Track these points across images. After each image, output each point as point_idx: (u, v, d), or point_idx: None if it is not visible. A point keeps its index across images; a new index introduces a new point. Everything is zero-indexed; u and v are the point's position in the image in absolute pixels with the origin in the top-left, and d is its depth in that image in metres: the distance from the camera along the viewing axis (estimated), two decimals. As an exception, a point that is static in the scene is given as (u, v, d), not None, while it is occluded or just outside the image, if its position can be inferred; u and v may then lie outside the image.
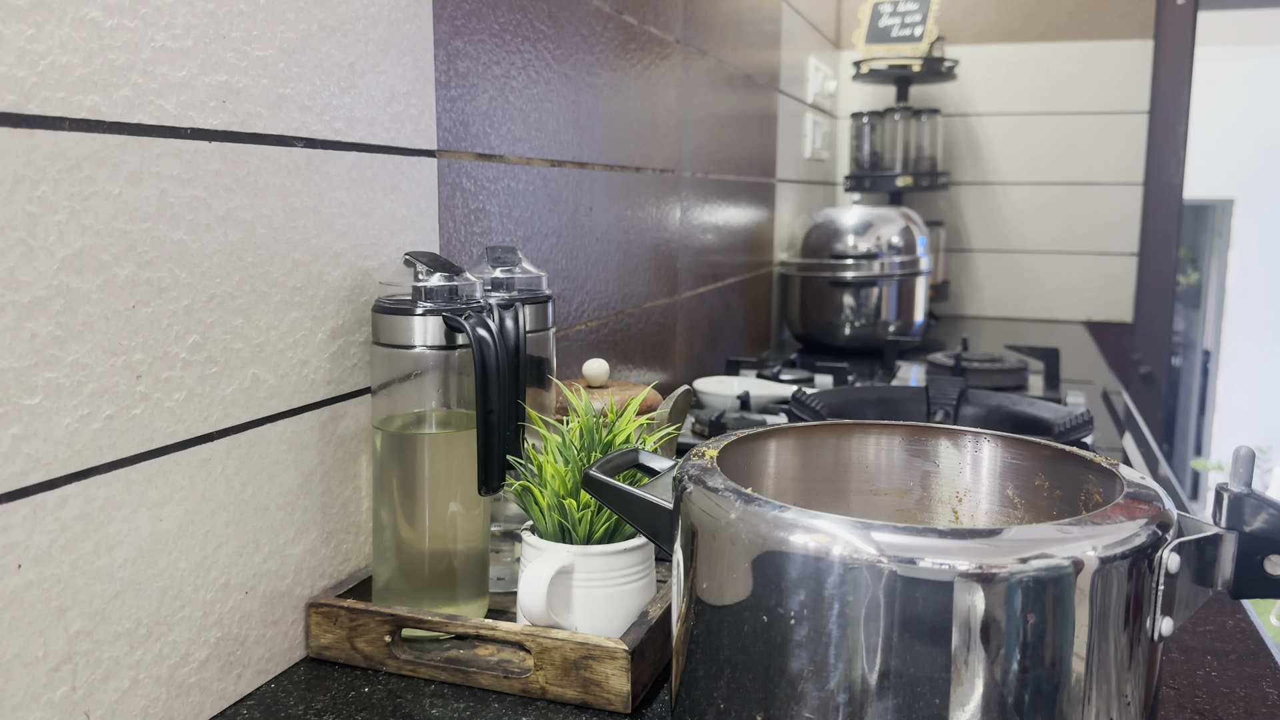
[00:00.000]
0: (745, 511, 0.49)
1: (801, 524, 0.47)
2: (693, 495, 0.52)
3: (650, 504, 0.57)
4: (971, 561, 0.44)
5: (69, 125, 0.53)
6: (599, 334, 1.24)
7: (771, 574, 0.47)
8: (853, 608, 0.45)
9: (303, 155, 0.71)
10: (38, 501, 0.53)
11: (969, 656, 0.44)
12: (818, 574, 0.46)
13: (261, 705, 0.67)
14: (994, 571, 0.44)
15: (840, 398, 1.18)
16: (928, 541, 0.45)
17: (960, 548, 0.44)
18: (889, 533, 0.45)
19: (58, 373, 0.53)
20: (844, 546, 0.45)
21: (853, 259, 2.09)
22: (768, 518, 0.48)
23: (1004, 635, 0.44)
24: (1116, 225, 2.60)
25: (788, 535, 0.46)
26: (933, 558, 0.44)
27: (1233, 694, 0.70)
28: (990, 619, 0.44)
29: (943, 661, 0.44)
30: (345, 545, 0.78)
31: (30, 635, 0.53)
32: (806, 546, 0.46)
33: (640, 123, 1.35)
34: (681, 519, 0.53)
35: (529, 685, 0.68)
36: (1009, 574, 0.44)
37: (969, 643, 0.44)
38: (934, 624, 0.44)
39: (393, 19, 0.80)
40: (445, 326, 0.73)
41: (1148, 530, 0.47)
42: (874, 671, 0.45)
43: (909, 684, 0.45)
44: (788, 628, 0.47)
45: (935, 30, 2.47)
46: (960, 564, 0.44)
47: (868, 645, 0.45)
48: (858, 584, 0.45)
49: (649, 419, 0.87)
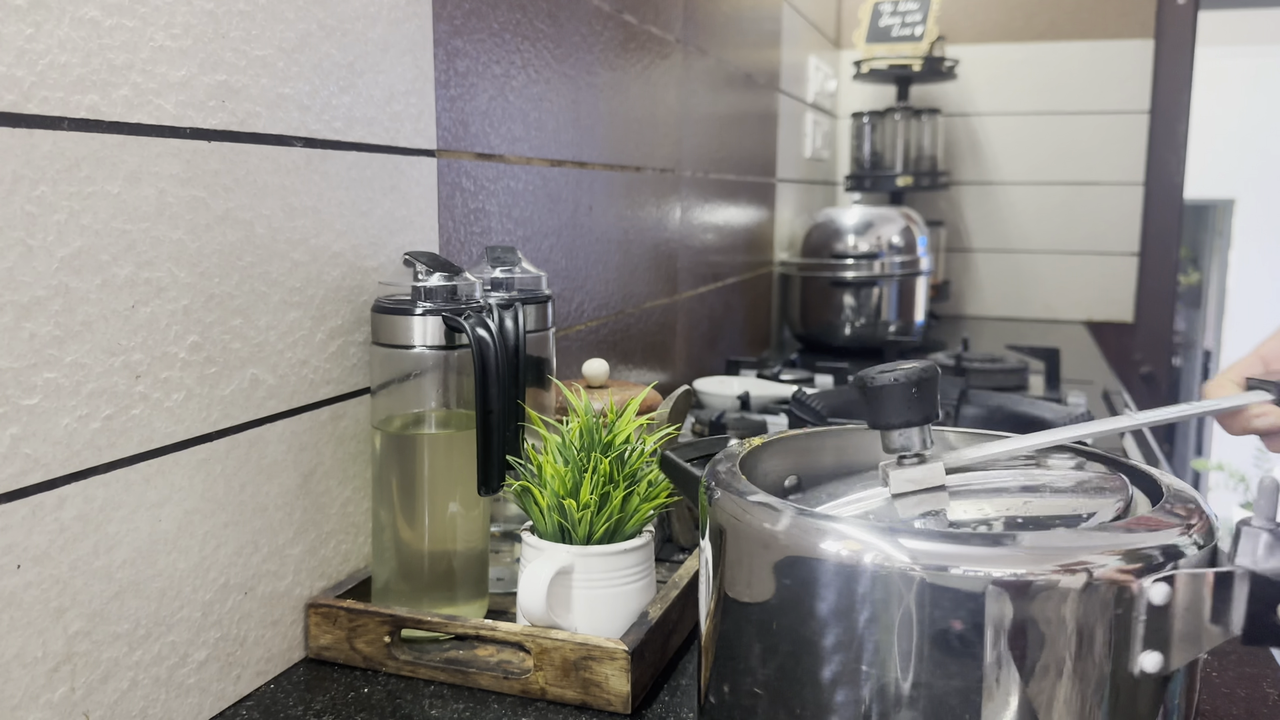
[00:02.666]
0: (775, 516, 0.48)
1: (831, 530, 0.46)
2: (721, 500, 0.52)
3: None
4: (1004, 569, 0.43)
5: (68, 125, 0.53)
6: (599, 334, 1.24)
7: (798, 579, 0.47)
8: (882, 614, 0.45)
9: (302, 155, 0.71)
10: (37, 502, 0.53)
11: (1000, 666, 0.43)
12: (847, 580, 0.45)
13: (261, 706, 0.67)
14: (1029, 580, 0.43)
15: (840, 398, 1.18)
16: (960, 549, 0.44)
17: (994, 555, 0.44)
18: (920, 539, 0.45)
19: (56, 373, 0.53)
20: (874, 553, 0.45)
21: (853, 259, 2.09)
22: (797, 523, 0.47)
23: (1038, 644, 0.43)
24: (1117, 225, 2.60)
25: (818, 541, 0.46)
26: (965, 565, 0.43)
27: (1233, 694, 0.70)
28: (1022, 627, 0.43)
29: (974, 671, 0.44)
30: (345, 545, 0.78)
31: (29, 636, 0.53)
32: (838, 553, 0.45)
33: (640, 122, 1.35)
34: (710, 521, 0.53)
35: (529, 686, 0.68)
36: (1043, 582, 0.43)
37: (1000, 651, 0.43)
38: (964, 632, 0.43)
39: (392, 18, 0.80)
40: (445, 326, 0.73)
41: (1191, 538, 0.46)
42: (906, 679, 0.45)
43: (939, 694, 0.44)
44: (816, 633, 0.46)
45: (935, 30, 2.47)
46: (994, 571, 0.43)
47: (899, 652, 0.45)
48: (888, 590, 0.44)
49: (649, 419, 0.86)
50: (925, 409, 0.55)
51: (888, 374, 0.55)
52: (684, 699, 0.69)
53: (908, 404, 0.55)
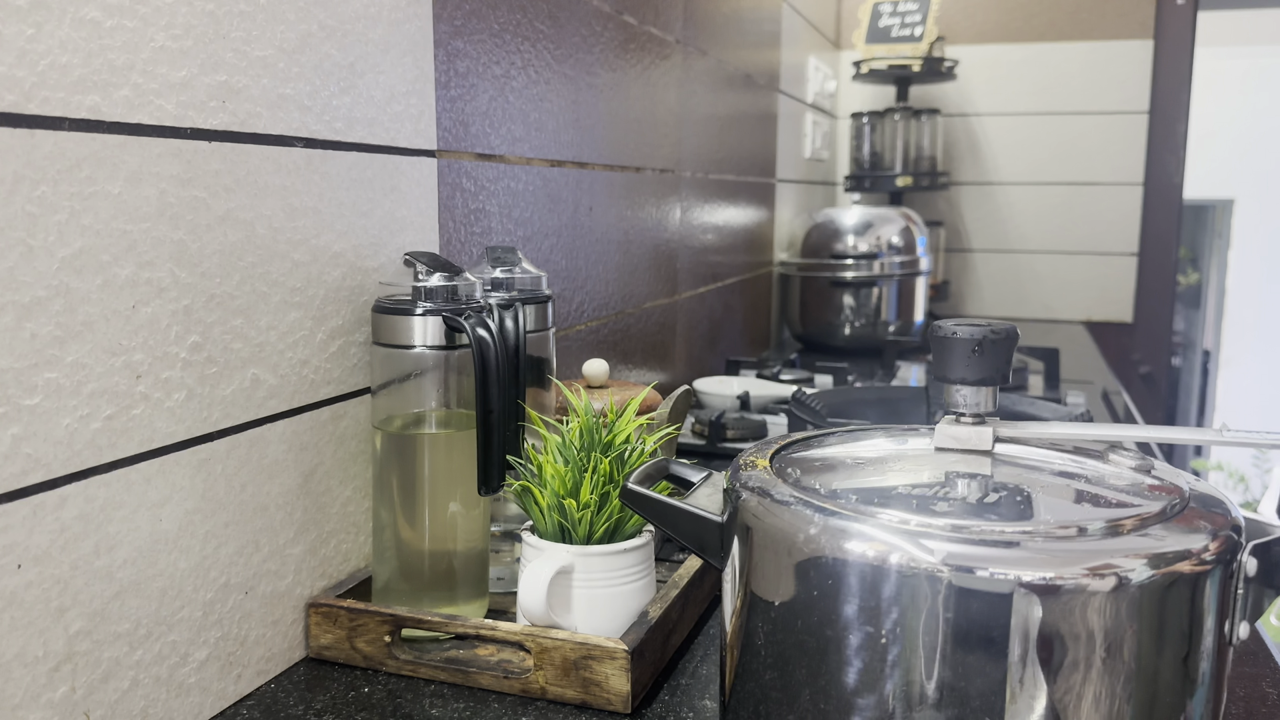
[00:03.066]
0: (802, 517, 0.48)
1: (857, 531, 0.46)
2: (746, 501, 0.52)
3: (697, 516, 0.54)
4: (1033, 572, 0.43)
5: (69, 125, 0.53)
6: (599, 334, 1.24)
7: (824, 580, 0.46)
8: (910, 617, 0.44)
9: (302, 155, 0.71)
10: (37, 502, 0.53)
11: (1026, 670, 0.43)
12: (874, 582, 0.45)
13: (261, 705, 0.67)
14: (1058, 583, 0.43)
15: (840, 398, 1.18)
16: (990, 552, 0.43)
17: (1022, 558, 0.43)
18: (947, 541, 0.44)
19: (57, 373, 0.53)
20: (901, 555, 0.44)
21: (853, 259, 2.09)
22: (824, 525, 0.47)
23: (1065, 649, 0.43)
24: (1116, 225, 2.60)
25: (844, 542, 0.46)
26: (994, 568, 0.43)
27: (1233, 694, 0.70)
28: (1052, 631, 0.43)
29: (1000, 674, 0.43)
30: (345, 545, 0.78)
31: (30, 635, 0.53)
32: (864, 554, 0.45)
33: (640, 123, 1.35)
34: (737, 520, 0.52)
35: (529, 685, 0.68)
36: (1073, 585, 0.43)
37: (1025, 655, 0.43)
38: (992, 635, 0.43)
39: (393, 19, 0.80)
40: (445, 326, 0.73)
41: (1219, 535, 0.46)
42: (931, 682, 0.44)
43: (963, 696, 0.44)
44: (841, 634, 0.46)
45: (935, 30, 2.47)
46: (1024, 575, 0.43)
47: (925, 655, 0.44)
48: (915, 593, 0.44)
49: (649, 419, 0.87)
50: (988, 370, 0.53)
51: (959, 326, 0.53)
52: (684, 698, 0.69)
53: (970, 361, 0.53)
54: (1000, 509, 0.49)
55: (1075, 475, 0.55)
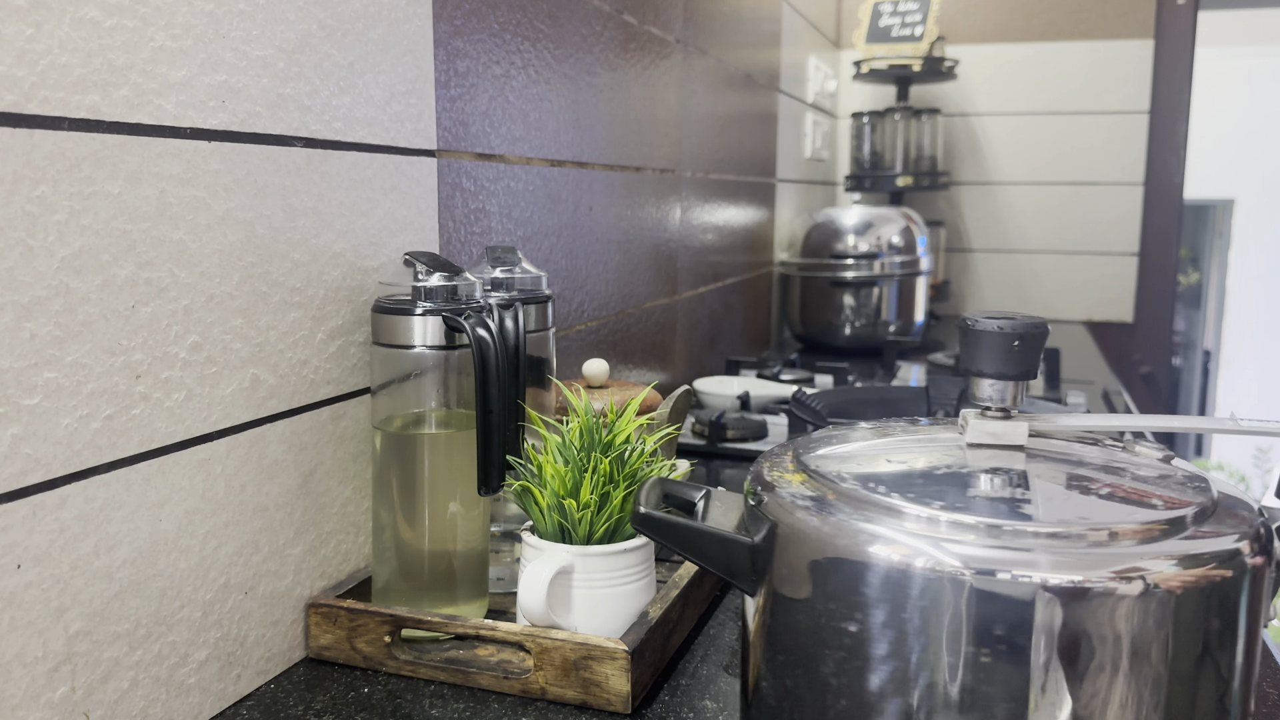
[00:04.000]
0: (825, 519, 0.48)
1: (881, 534, 0.46)
2: (767, 502, 0.51)
3: (725, 539, 0.52)
4: (1059, 574, 0.42)
5: (68, 125, 0.53)
6: (599, 334, 1.24)
7: (847, 582, 0.46)
8: (933, 620, 0.44)
9: (302, 155, 0.71)
10: (37, 502, 0.53)
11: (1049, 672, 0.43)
12: (897, 584, 0.45)
13: (261, 705, 0.67)
14: (1086, 586, 0.42)
15: (840, 398, 1.18)
16: (1017, 555, 0.43)
17: (1049, 561, 0.43)
18: (970, 544, 0.44)
19: (57, 373, 0.53)
20: (924, 557, 0.44)
21: (853, 259, 2.09)
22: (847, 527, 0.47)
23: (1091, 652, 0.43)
24: (1117, 225, 2.60)
25: (867, 545, 0.46)
26: (1019, 570, 0.43)
27: (1233, 694, 0.70)
28: (1078, 634, 0.43)
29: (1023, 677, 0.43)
30: (345, 545, 0.78)
31: (30, 635, 0.53)
32: (889, 557, 0.45)
33: (640, 122, 1.35)
34: (763, 518, 0.52)
35: (529, 686, 0.68)
36: (1099, 589, 0.42)
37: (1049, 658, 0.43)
38: (1016, 638, 0.43)
39: (392, 18, 0.80)
40: (445, 326, 0.73)
41: (1244, 534, 0.46)
42: (954, 685, 0.44)
43: (986, 700, 0.44)
44: (864, 635, 0.46)
45: (935, 30, 2.47)
46: (1050, 577, 0.42)
47: (948, 658, 0.44)
48: (938, 595, 0.44)
49: (649, 419, 0.87)
50: (1022, 365, 0.53)
51: (991, 320, 0.53)
52: (684, 699, 0.69)
53: (1004, 355, 0.53)
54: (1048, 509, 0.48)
55: (1112, 469, 0.54)
